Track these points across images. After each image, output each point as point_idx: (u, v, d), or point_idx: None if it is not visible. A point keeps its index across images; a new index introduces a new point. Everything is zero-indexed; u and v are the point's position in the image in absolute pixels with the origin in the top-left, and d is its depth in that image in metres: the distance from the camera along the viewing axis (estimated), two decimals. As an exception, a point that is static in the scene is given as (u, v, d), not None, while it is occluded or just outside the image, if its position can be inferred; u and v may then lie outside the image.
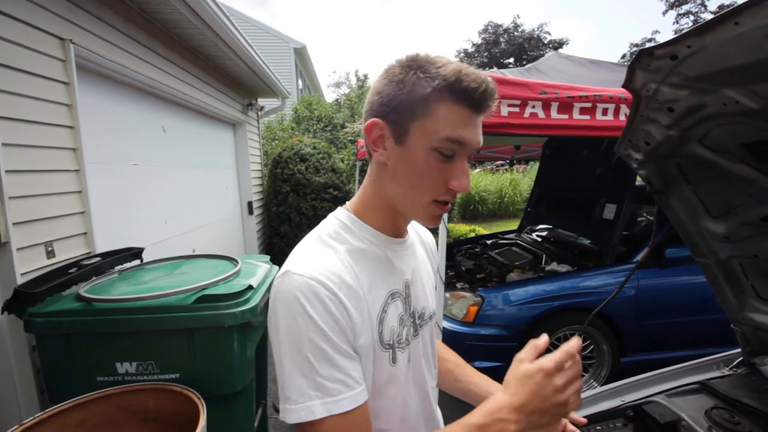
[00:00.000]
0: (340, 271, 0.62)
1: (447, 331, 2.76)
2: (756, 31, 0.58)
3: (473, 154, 0.67)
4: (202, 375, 1.52)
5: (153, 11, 2.80)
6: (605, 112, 2.19)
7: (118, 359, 1.51)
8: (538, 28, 26.36)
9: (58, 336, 1.49)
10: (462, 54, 27.30)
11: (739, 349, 1.33)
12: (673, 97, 0.80)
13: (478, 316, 2.73)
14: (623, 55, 25.02)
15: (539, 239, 4.03)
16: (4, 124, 1.66)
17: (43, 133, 1.87)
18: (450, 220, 8.23)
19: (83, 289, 1.64)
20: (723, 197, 1.02)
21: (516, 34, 26.32)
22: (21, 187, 1.71)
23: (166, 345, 1.52)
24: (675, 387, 1.27)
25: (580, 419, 0.79)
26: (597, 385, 2.82)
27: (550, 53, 4.14)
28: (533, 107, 2.08)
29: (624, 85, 0.83)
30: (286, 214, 5.79)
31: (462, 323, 2.77)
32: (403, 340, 0.71)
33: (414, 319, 0.75)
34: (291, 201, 5.74)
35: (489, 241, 4.31)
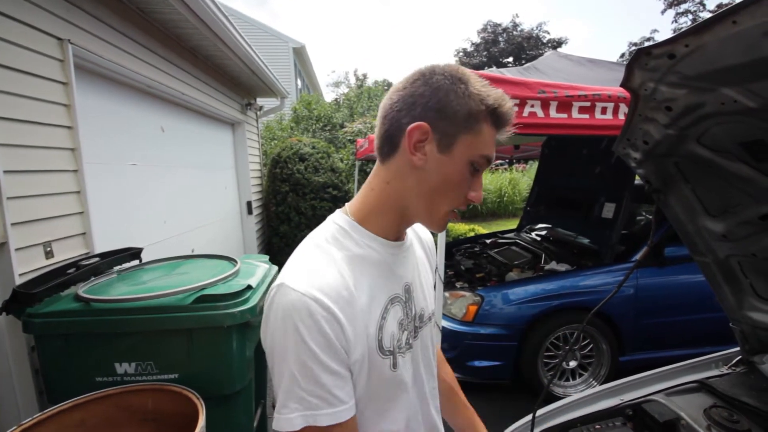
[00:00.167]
0: (337, 284, 0.61)
1: (446, 330, 2.76)
2: (754, 30, 0.58)
3: None
4: (201, 375, 1.52)
5: (151, 11, 2.79)
6: (604, 111, 2.19)
7: (117, 359, 1.51)
8: (537, 28, 26.40)
9: (57, 336, 1.49)
10: (461, 53, 27.30)
11: (737, 348, 1.33)
12: (671, 96, 0.80)
13: (477, 315, 2.74)
14: (622, 54, 25.09)
15: (538, 238, 4.03)
16: (2, 124, 1.66)
17: (42, 134, 1.87)
18: (449, 219, 8.19)
19: (82, 289, 1.64)
20: (721, 196, 1.02)
21: (515, 33, 26.33)
22: (19, 188, 1.71)
23: (165, 345, 1.52)
24: (674, 386, 1.27)
25: None
26: (596, 384, 2.82)
27: (548, 52, 4.14)
28: (532, 106, 2.09)
29: (622, 84, 0.83)
30: (286, 213, 5.79)
31: (461, 322, 2.78)
32: (403, 344, 0.71)
33: (414, 321, 0.75)
34: (290, 201, 5.74)
35: (488, 241, 4.32)
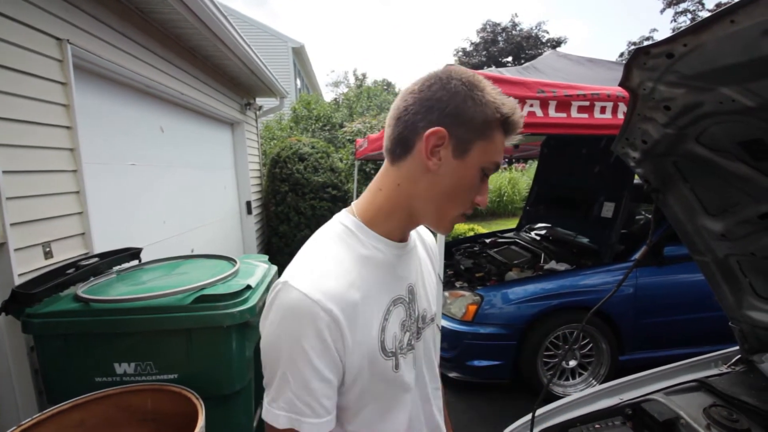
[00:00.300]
0: (341, 287, 0.61)
1: (446, 330, 2.77)
2: (752, 29, 0.58)
3: None
4: (201, 375, 1.52)
5: (151, 11, 2.79)
6: (603, 110, 2.19)
7: (116, 360, 1.51)
8: (537, 27, 26.33)
9: (56, 337, 1.49)
10: (461, 53, 27.28)
11: (737, 347, 1.33)
12: (669, 95, 0.80)
13: (477, 314, 2.74)
14: (621, 54, 25.07)
15: (538, 238, 4.03)
16: (2, 124, 1.66)
17: (41, 134, 1.87)
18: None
19: (81, 289, 1.63)
20: (720, 195, 1.02)
21: (514, 32, 26.29)
22: (18, 188, 1.71)
23: (165, 345, 1.52)
24: (673, 385, 1.27)
25: None
26: (596, 383, 2.83)
27: (548, 52, 4.14)
28: (531, 106, 2.09)
29: (621, 84, 0.83)
30: (285, 213, 5.78)
31: (461, 322, 2.78)
32: (405, 345, 0.71)
33: (417, 323, 0.75)
34: (290, 200, 5.73)
35: (488, 240, 4.32)
